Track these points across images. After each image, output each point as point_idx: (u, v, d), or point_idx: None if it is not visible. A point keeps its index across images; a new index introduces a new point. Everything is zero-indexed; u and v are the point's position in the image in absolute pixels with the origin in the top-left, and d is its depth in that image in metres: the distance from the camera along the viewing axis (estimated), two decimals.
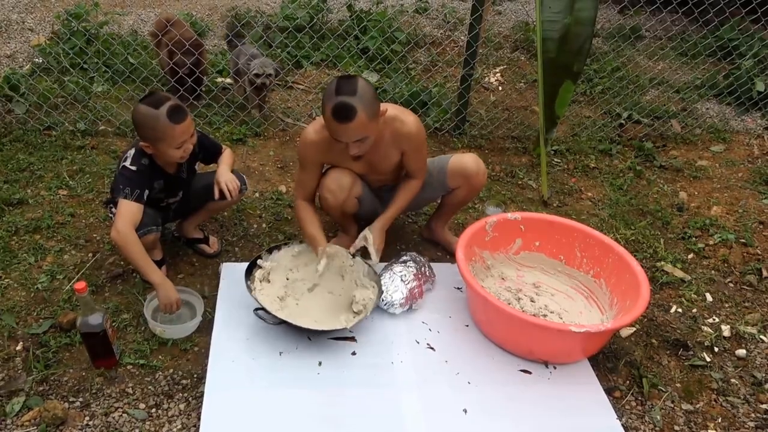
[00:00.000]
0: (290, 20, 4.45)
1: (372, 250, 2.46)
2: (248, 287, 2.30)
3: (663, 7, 4.33)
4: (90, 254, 2.62)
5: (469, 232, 2.44)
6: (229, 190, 2.38)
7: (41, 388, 2.07)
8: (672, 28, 5.28)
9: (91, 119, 3.51)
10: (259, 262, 2.42)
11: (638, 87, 4.43)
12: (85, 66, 3.91)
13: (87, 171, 3.14)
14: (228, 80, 4.04)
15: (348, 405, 2.04)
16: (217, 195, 2.40)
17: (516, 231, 2.61)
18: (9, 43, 4.44)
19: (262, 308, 2.22)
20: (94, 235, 2.73)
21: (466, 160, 2.51)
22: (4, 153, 3.21)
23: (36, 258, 2.58)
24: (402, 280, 2.40)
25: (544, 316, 2.42)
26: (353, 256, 2.47)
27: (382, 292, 2.38)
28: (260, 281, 2.36)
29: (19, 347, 2.21)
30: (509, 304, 2.46)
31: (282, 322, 2.19)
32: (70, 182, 3.05)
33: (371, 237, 2.48)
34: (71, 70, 3.80)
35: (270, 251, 2.47)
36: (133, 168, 2.25)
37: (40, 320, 2.31)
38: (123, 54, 3.91)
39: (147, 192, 2.27)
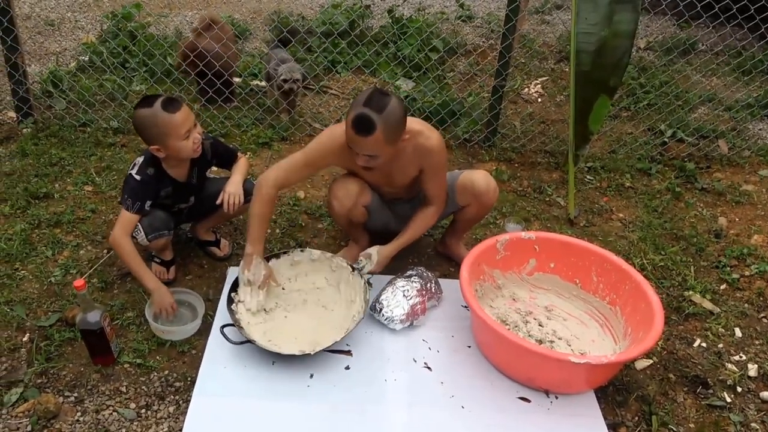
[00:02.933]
0: (325, 24, 4.45)
1: (367, 269, 2.43)
2: (229, 298, 2.29)
3: (726, 22, 4.08)
4: (105, 251, 2.67)
5: (477, 250, 2.36)
6: (229, 205, 2.39)
7: (40, 381, 2.12)
8: (735, 44, 5.01)
9: (124, 117, 3.59)
10: None
11: (685, 103, 4.21)
12: (127, 65, 4.02)
13: (114, 168, 3.21)
14: (263, 83, 4.07)
15: (334, 421, 1.99)
16: (219, 201, 2.41)
17: (530, 251, 2.51)
18: (60, 41, 4.62)
19: (232, 324, 2.20)
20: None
21: (476, 178, 2.44)
22: (39, 147, 3.32)
23: (53, 252, 2.65)
24: (404, 295, 2.34)
25: (551, 342, 2.31)
26: (353, 269, 2.43)
27: (374, 310, 2.35)
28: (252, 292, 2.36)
29: (25, 338, 2.27)
30: (515, 327, 2.37)
31: (246, 342, 2.15)
32: (97, 179, 3.12)
33: (375, 258, 2.44)
34: (108, 69, 3.90)
35: (267, 259, 2.46)
36: (138, 178, 2.28)
37: (49, 313, 2.37)
38: (157, 55, 3.98)
39: (149, 202, 2.31)
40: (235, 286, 2.35)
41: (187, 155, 2.31)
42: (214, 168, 2.61)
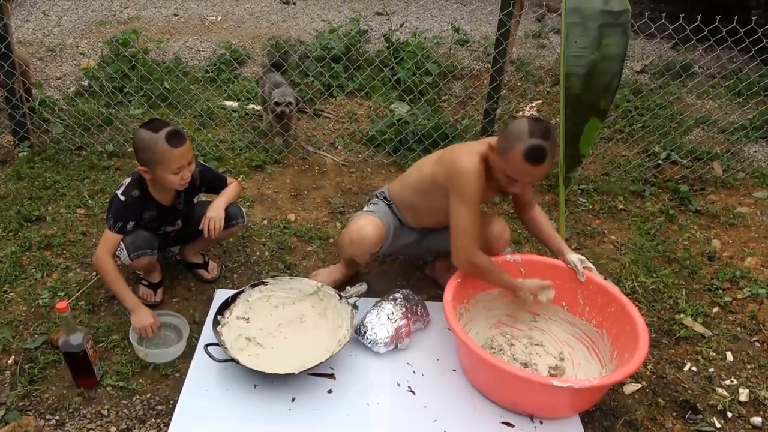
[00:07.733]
0: (322, 49, 4.51)
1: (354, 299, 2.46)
2: (215, 320, 2.28)
3: (718, 44, 4.10)
4: (93, 273, 2.68)
5: (462, 273, 2.35)
6: (209, 230, 2.40)
7: (22, 403, 2.11)
8: (728, 66, 5.03)
9: (120, 141, 3.63)
10: (242, 296, 2.42)
11: (679, 125, 4.22)
12: (125, 90, 4.08)
13: (107, 191, 3.23)
14: (257, 107, 4.11)
15: None
16: (201, 226, 2.42)
17: (515, 273, 2.49)
18: (61, 66, 4.69)
19: (216, 344, 2.20)
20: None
21: (492, 224, 2.45)
22: (35, 170, 3.36)
23: (42, 274, 2.66)
24: (389, 317, 2.33)
25: (536, 365, 2.29)
26: (341, 297, 2.42)
27: (359, 332, 2.34)
28: (237, 318, 2.36)
29: (10, 361, 2.27)
30: (500, 350, 2.35)
31: (230, 360, 2.14)
32: (89, 201, 3.14)
33: (364, 290, 2.47)
34: (102, 94, 3.96)
35: (253, 286, 2.46)
36: (123, 198, 2.30)
37: (35, 336, 2.37)
38: (152, 79, 4.02)
39: (132, 223, 2.32)
40: (222, 308, 2.35)
41: (172, 188, 2.33)
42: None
